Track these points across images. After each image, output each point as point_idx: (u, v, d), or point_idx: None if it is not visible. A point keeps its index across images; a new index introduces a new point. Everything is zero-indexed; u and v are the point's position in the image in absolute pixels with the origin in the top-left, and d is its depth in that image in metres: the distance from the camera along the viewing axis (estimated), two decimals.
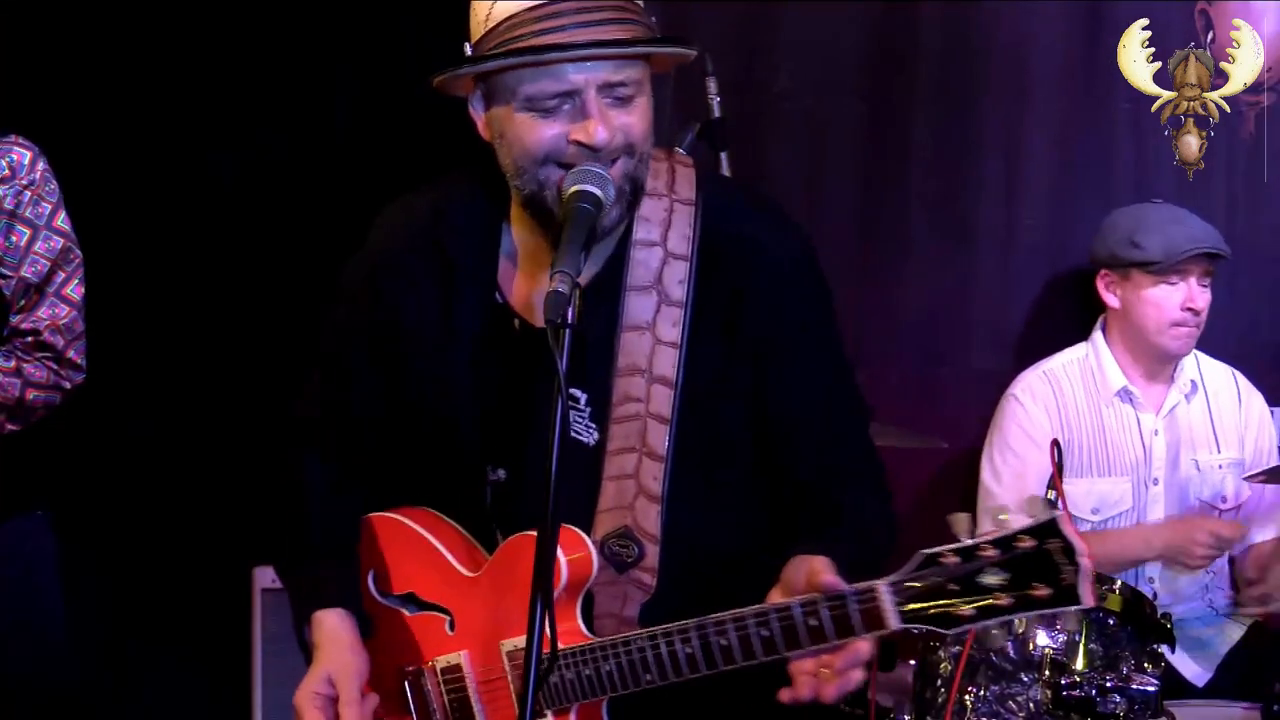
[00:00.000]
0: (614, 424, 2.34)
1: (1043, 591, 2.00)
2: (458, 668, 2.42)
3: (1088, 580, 1.99)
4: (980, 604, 2.03)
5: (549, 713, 2.32)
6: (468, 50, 2.31)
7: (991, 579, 2.02)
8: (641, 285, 2.35)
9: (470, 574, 2.42)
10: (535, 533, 2.26)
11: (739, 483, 2.43)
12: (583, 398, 2.38)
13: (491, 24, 2.26)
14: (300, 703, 2.41)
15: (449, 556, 2.45)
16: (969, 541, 2.05)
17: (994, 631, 3.09)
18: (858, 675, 2.15)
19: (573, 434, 2.38)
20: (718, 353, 2.36)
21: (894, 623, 2.08)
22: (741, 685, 2.25)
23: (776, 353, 2.36)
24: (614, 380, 2.34)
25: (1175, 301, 3.91)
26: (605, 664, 2.26)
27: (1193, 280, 3.91)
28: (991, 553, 2.02)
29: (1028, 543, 2.01)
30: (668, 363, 2.34)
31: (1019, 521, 2.03)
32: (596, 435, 2.37)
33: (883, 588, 2.09)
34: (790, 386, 2.38)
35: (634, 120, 2.27)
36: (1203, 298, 3.92)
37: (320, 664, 2.42)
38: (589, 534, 2.34)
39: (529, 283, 2.41)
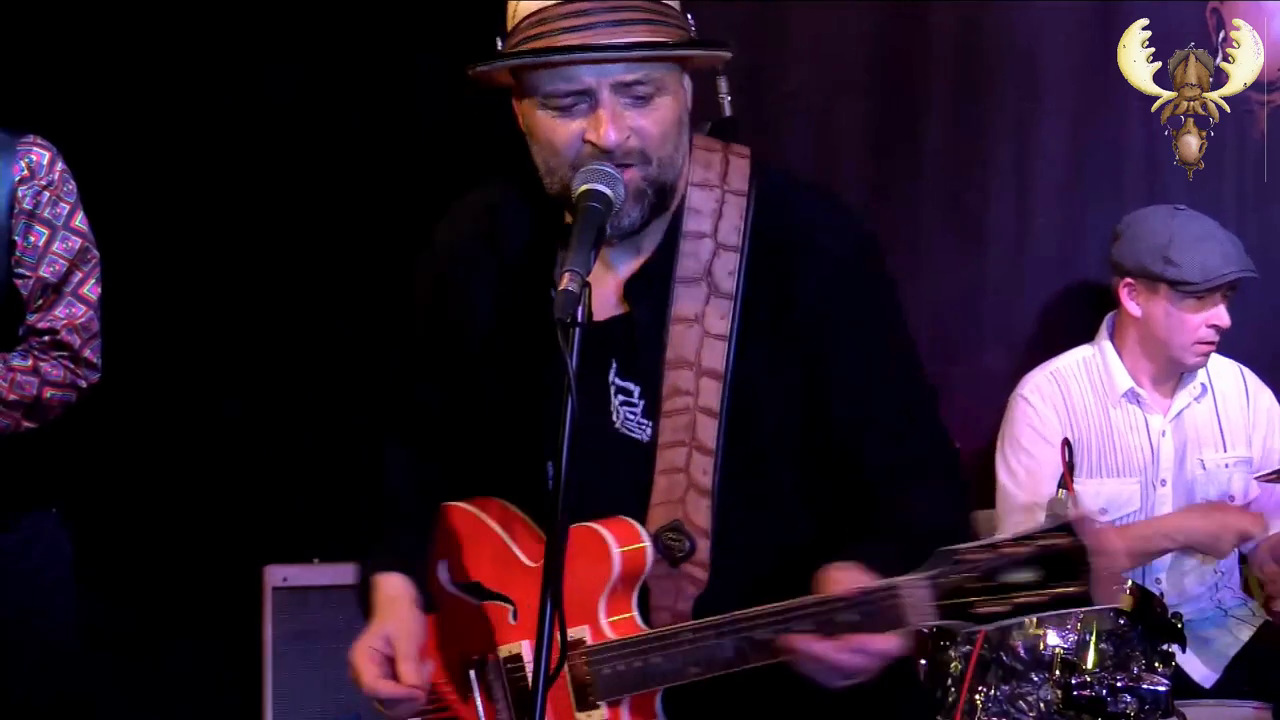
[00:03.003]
0: (664, 418, 2.34)
1: (1070, 589, 2.03)
2: (519, 657, 2.41)
3: (1103, 581, 2.01)
4: (1011, 601, 2.06)
5: (602, 705, 2.32)
6: (499, 45, 2.30)
7: (1019, 576, 2.05)
8: (691, 277, 2.34)
9: (533, 564, 2.42)
10: (593, 525, 2.31)
11: (791, 477, 2.41)
12: (635, 390, 2.37)
13: (515, 20, 2.27)
14: (357, 657, 2.37)
15: (513, 546, 2.45)
16: (991, 539, 2.06)
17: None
18: (859, 661, 2.14)
19: (624, 429, 2.37)
20: (767, 346, 2.34)
21: (918, 619, 2.09)
22: (791, 682, 2.25)
23: (829, 346, 2.34)
24: (663, 373, 2.34)
25: (1202, 319, 3.89)
26: (653, 656, 2.27)
27: (1219, 299, 3.90)
28: (1015, 550, 2.05)
29: (1053, 540, 2.03)
30: (716, 356, 2.32)
31: (1036, 522, 2.05)
32: (650, 431, 2.36)
33: (909, 583, 2.09)
34: (845, 382, 2.35)
35: (649, 123, 2.25)
36: (1226, 315, 3.91)
37: (378, 623, 2.39)
38: (643, 527, 2.34)
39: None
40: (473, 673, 2.47)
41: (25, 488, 3.27)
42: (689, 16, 2.32)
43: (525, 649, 2.41)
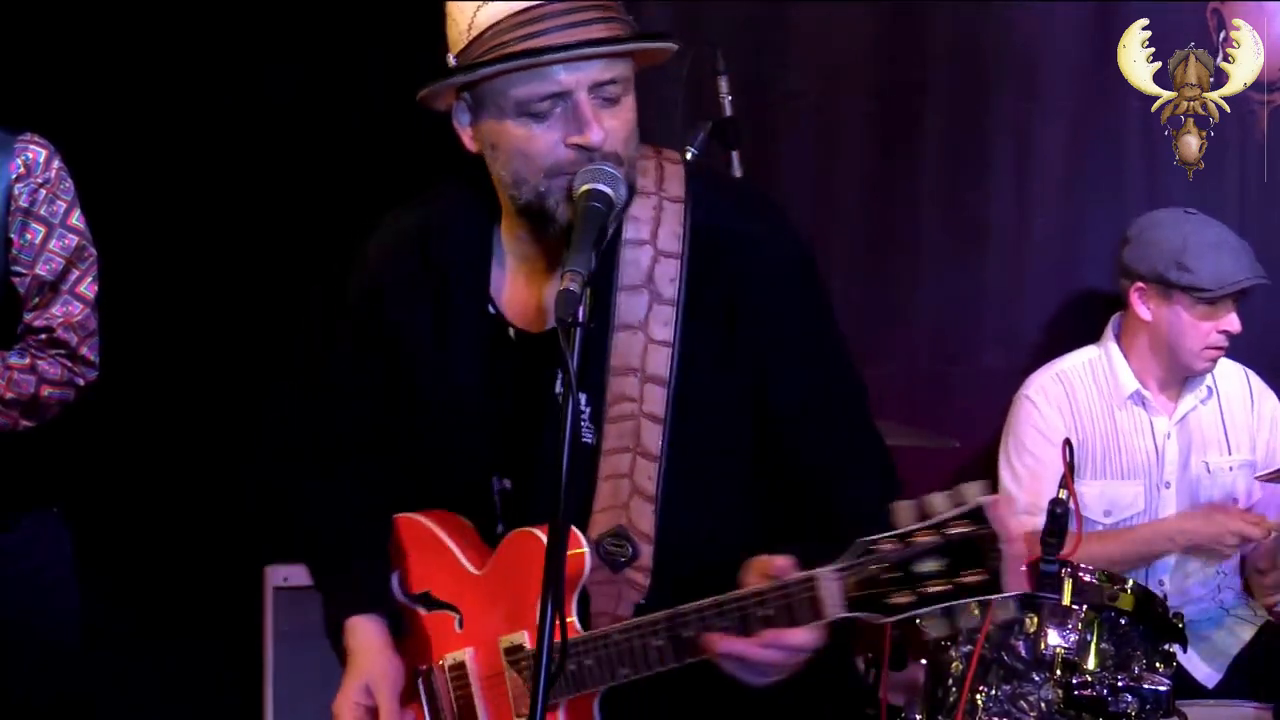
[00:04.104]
0: (609, 424, 2.32)
1: (975, 578, 1.97)
2: (463, 665, 2.43)
3: (1011, 568, 1.95)
4: (919, 591, 2.00)
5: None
6: (451, 61, 2.29)
7: (927, 566, 2.00)
8: (632, 284, 2.33)
9: (477, 572, 2.43)
10: (533, 529, 2.31)
11: (736, 482, 2.40)
12: (582, 398, 2.36)
13: (476, 32, 2.24)
14: (340, 712, 2.43)
15: (459, 555, 2.46)
16: (904, 529, 2.01)
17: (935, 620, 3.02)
18: (777, 657, 2.13)
19: None
20: (712, 350, 2.34)
21: (833, 611, 2.05)
22: (724, 681, 2.24)
23: (773, 350, 2.34)
24: (608, 380, 2.32)
25: (1213, 325, 3.88)
26: (585, 659, 2.26)
27: (1231, 305, 3.89)
28: (926, 539, 2.00)
29: (960, 529, 1.98)
30: (660, 362, 2.31)
31: (945, 506, 2.01)
32: (595, 436, 2.36)
33: (825, 575, 2.06)
34: (788, 384, 2.35)
35: (619, 124, 2.25)
36: (1238, 322, 3.90)
37: (357, 673, 2.43)
38: (585, 533, 2.33)
39: (524, 290, 2.41)
40: (420, 683, 2.48)
41: (26, 487, 3.27)
42: (630, 16, 2.31)
43: (469, 657, 2.42)
